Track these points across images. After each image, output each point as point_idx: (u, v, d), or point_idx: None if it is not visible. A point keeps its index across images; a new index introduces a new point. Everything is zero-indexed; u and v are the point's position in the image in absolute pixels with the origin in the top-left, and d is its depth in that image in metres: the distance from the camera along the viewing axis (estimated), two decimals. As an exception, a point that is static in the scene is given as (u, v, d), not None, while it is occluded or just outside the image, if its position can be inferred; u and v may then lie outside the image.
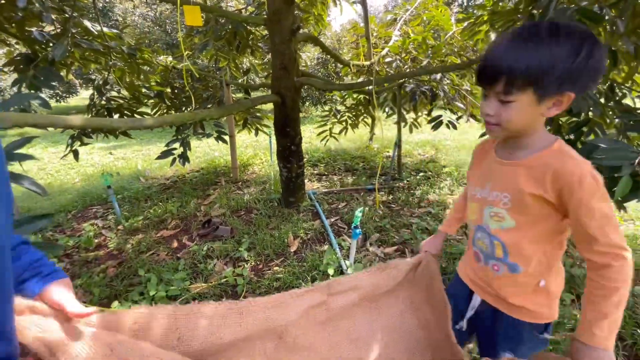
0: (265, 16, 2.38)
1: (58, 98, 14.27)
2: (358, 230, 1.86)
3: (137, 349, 0.61)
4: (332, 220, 2.81)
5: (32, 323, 0.51)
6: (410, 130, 4.31)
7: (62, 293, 0.57)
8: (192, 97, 3.14)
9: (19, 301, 0.53)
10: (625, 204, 1.70)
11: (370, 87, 2.67)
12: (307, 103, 10.23)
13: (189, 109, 3.21)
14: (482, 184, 0.86)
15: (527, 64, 0.66)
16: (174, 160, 3.14)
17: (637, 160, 1.24)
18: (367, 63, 3.89)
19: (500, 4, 2.58)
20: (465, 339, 1.02)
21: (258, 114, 3.85)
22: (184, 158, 3.16)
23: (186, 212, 3.05)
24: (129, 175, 4.41)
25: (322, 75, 9.67)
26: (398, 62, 3.94)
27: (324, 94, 9.04)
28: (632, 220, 2.66)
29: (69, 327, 0.56)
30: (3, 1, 2.14)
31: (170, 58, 3.99)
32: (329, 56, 9.36)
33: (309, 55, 9.45)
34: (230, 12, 2.52)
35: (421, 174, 3.99)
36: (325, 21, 4.38)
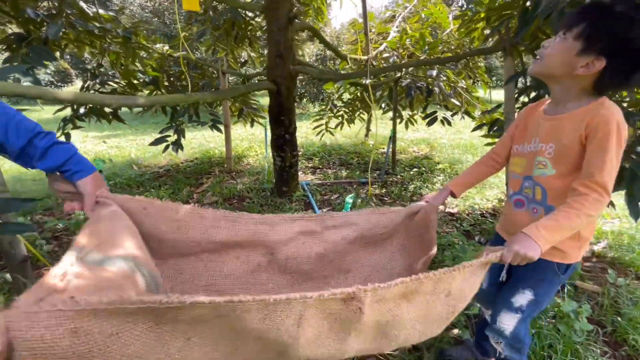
0: (263, 3, 2.38)
1: (53, 87, 14.13)
2: (349, 203, 1.87)
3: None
4: (325, 210, 2.82)
5: None
6: (406, 127, 4.33)
7: (86, 189, 0.81)
8: (189, 85, 3.14)
9: None
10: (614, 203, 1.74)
11: (366, 79, 2.68)
12: (305, 100, 10.22)
13: (184, 96, 3.19)
14: (529, 140, 0.97)
15: (593, 21, 0.77)
16: (167, 147, 3.13)
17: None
18: (365, 57, 3.90)
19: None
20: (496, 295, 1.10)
21: (254, 106, 3.85)
22: (177, 145, 3.15)
23: (178, 199, 3.04)
24: (121, 163, 4.38)
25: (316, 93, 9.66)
26: (395, 57, 3.95)
27: (322, 90, 9.04)
28: (619, 218, 2.70)
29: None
30: (-3, -23, 2.12)
31: (167, 47, 3.97)
32: (328, 52, 9.37)
33: (307, 52, 9.45)
34: (228, -3, 2.51)
35: (415, 169, 4.01)
36: (326, 15, 4.39)
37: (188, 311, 0.57)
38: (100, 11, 2.53)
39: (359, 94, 4.33)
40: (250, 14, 3.34)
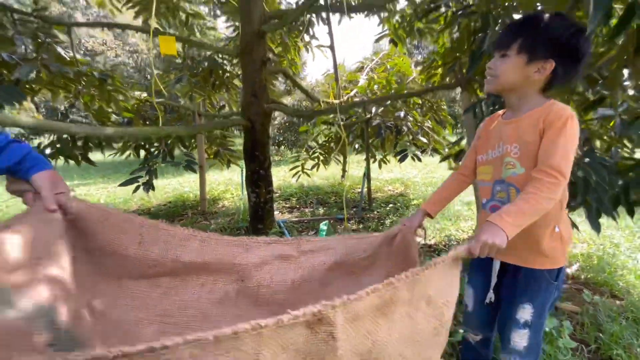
0: (239, 48, 2.54)
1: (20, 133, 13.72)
2: (324, 228, 1.83)
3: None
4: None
5: None
6: (380, 166, 4.48)
7: (43, 183, 0.75)
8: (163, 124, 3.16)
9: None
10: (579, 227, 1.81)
11: (338, 119, 2.82)
12: (283, 147, 10.48)
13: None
14: (494, 146, 1.02)
15: (526, 33, 0.88)
16: (137, 187, 3.04)
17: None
18: (336, 101, 4.15)
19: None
20: (491, 320, 1.11)
21: (231, 147, 3.90)
22: (149, 186, 3.07)
23: (147, 241, 2.88)
24: (88, 210, 4.16)
25: (295, 125, 10.08)
26: (364, 100, 4.22)
27: (299, 137, 9.34)
28: (587, 242, 2.80)
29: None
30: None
31: (145, 94, 4.06)
32: (304, 102, 9.87)
33: (284, 101, 9.93)
34: (205, 43, 2.67)
35: (390, 205, 4.07)
36: (299, 66, 4.72)
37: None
38: (77, 56, 2.60)
39: (333, 135, 4.51)
40: (226, 60, 3.53)
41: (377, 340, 0.64)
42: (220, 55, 3.56)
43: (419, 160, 3.89)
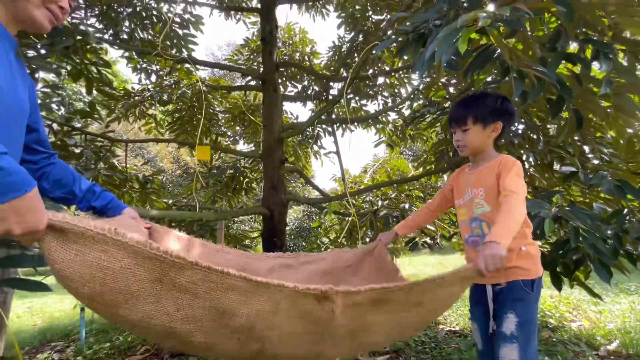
0: (260, 152, 3.07)
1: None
2: None
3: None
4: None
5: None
6: (392, 258, 4.51)
7: (132, 213, 1.04)
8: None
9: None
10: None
11: (349, 206, 3.12)
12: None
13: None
14: (464, 192, 1.29)
15: (474, 109, 1.24)
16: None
17: (552, 209, 1.57)
18: (345, 197, 4.54)
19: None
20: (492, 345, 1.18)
21: (246, 243, 4.09)
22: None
23: (160, 337, 2.78)
24: (100, 317, 4.08)
25: (307, 228, 10.43)
26: (370, 196, 4.61)
27: (312, 232, 9.50)
28: (619, 317, 2.63)
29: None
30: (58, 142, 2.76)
31: (171, 200, 4.55)
32: (313, 208, 10.38)
33: (295, 209, 10.47)
34: (233, 149, 3.22)
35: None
36: (310, 170, 5.34)
37: (185, 273, 0.67)
38: (133, 164, 3.14)
39: (343, 229, 4.72)
40: (247, 166, 4.09)
41: (368, 321, 0.84)
42: (242, 163, 4.16)
43: (430, 247, 3.98)
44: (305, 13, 4.49)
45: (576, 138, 1.80)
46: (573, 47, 1.54)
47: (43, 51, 2.07)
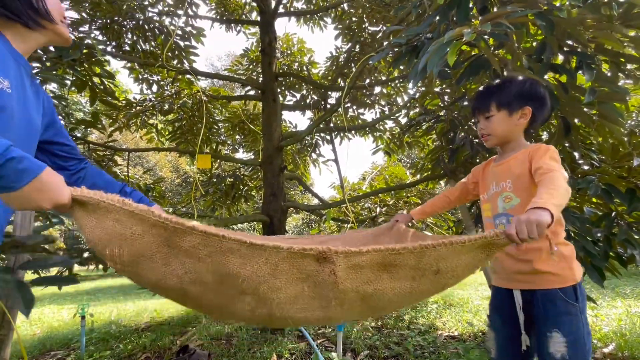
0: (260, 160, 3.13)
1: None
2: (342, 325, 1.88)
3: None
4: (319, 341, 2.64)
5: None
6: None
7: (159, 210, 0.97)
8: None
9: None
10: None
11: (348, 212, 3.17)
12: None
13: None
14: (489, 186, 1.15)
15: (498, 94, 1.10)
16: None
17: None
18: (344, 204, 4.58)
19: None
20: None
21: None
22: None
23: (160, 345, 2.79)
24: (100, 326, 4.07)
25: (306, 234, 10.48)
26: (368, 203, 4.66)
27: None
28: (615, 321, 2.66)
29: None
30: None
31: (171, 209, 4.59)
32: (312, 216, 10.40)
33: (295, 217, 10.48)
34: (235, 157, 3.28)
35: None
36: (309, 178, 5.40)
37: (186, 238, 0.70)
38: (137, 173, 3.19)
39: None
40: (247, 174, 4.15)
41: (378, 288, 0.78)
42: (241, 171, 4.22)
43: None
44: (304, 25, 4.61)
45: (566, 144, 1.86)
46: (561, 58, 1.63)
47: (48, 63, 2.14)
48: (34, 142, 0.88)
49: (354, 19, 4.21)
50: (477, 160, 2.53)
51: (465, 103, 2.39)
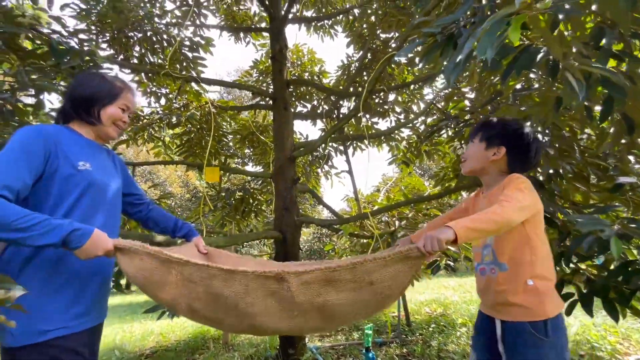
0: (271, 172, 2.93)
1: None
2: (371, 354, 1.61)
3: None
4: (340, 374, 2.35)
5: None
6: (412, 284, 4.22)
7: (199, 241, 1.36)
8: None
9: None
10: None
11: (369, 228, 2.92)
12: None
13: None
14: None
15: (488, 127, 1.26)
16: (162, 313, 2.91)
17: (615, 226, 1.35)
18: (361, 218, 4.32)
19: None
20: None
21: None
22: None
23: (164, 377, 2.54)
24: (103, 351, 3.84)
25: (318, 251, 10.15)
26: (386, 217, 4.39)
27: (324, 255, 9.21)
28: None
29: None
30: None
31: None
32: (323, 230, 10.13)
33: (305, 231, 10.22)
34: (244, 170, 3.10)
35: (433, 325, 3.61)
36: (319, 191, 5.17)
37: (186, 268, 0.98)
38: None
39: (358, 252, 4.47)
40: (257, 188, 3.95)
41: (327, 299, 0.96)
42: (251, 185, 4.02)
43: (453, 270, 3.70)
44: (314, 34, 4.49)
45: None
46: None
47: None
48: (119, 198, 1.19)
49: (365, 25, 4.07)
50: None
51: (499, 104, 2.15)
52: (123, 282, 2.72)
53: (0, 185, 0.88)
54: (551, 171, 2.05)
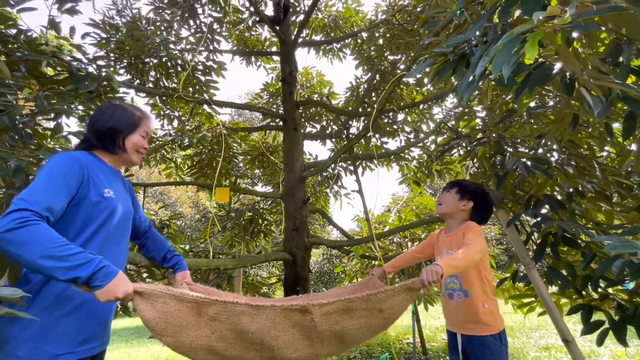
0: (281, 192, 2.91)
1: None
2: None
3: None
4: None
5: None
6: (426, 308, 4.05)
7: (186, 276, 1.40)
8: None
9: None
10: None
11: (375, 249, 2.85)
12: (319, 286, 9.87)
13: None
14: (442, 251, 1.59)
15: (464, 183, 1.64)
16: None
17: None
18: (370, 240, 4.22)
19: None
20: None
21: (264, 290, 3.79)
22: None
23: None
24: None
25: (327, 272, 9.92)
26: (397, 237, 4.28)
27: (334, 277, 9.00)
28: None
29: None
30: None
31: (188, 246, 4.38)
32: (333, 251, 9.95)
33: (315, 252, 10.06)
34: (254, 190, 3.09)
35: (451, 354, 3.42)
36: (328, 211, 5.11)
37: (211, 308, 1.01)
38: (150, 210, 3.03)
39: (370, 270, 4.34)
40: (266, 208, 3.92)
41: (344, 326, 1.10)
42: (260, 205, 4.00)
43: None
44: (323, 57, 4.60)
45: None
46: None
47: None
48: (130, 222, 1.24)
49: (373, 48, 4.15)
50: (526, 184, 2.22)
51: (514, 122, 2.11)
52: (131, 305, 2.67)
53: (43, 207, 0.90)
54: (571, 190, 1.97)
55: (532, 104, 1.93)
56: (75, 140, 2.26)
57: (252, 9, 3.98)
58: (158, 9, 3.47)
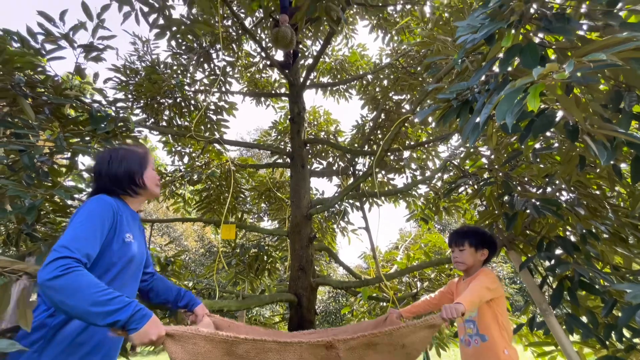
0: (287, 229, 2.89)
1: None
2: None
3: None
4: None
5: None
6: (438, 353, 3.81)
7: (204, 310, 1.39)
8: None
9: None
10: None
11: (384, 291, 2.75)
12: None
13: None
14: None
15: (470, 236, 1.70)
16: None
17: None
18: (381, 281, 4.09)
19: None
20: None
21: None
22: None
23: None
24: None
25: (334, 312, 9.53)
26: (407, 277, 4.14)
27: (341, 317, 8.58)
28: None
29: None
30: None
31: (191, 283, 4.28)
32: (338, 290, 9.61)
33: (321, 290, 9.74)
34: (260, 227, 3.07)
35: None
36: (335, 248, 5.02)
37: (240, 346, 1.03)
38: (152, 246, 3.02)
39: (378, 311, 4.15)
40: (271, 244, 3.87)
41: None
42: (266, 241, 3.96)
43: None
44: (330, 97, 4.79)
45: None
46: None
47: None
48: (142, 265, 1.25)
49: (378, 89, 4.33)
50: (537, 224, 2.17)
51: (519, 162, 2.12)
52: (128, 345, 2.58)
53: (83, 253, 0.94)
54: (584, 231, 1.92)
55: (537, 146, 1.94)
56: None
57: (263, 54, 4.23)
58: (176, 55, 3.71)
